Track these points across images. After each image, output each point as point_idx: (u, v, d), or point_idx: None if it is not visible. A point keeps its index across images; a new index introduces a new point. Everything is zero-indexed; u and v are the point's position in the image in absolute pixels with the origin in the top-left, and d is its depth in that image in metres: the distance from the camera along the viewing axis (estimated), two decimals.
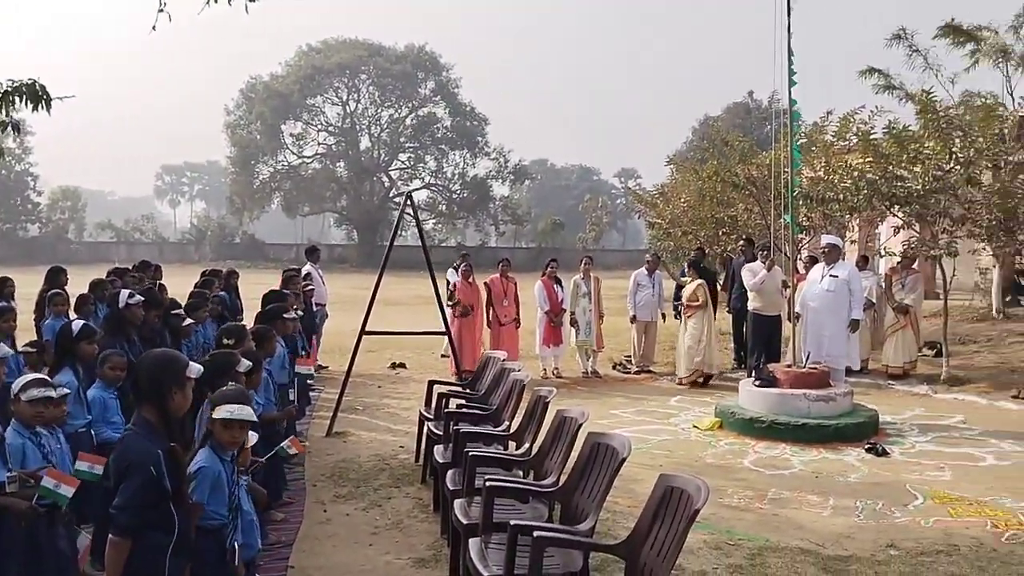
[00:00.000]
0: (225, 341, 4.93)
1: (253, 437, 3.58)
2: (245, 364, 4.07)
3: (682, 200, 17.12)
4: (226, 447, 3.37)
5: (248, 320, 7.92)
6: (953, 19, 14.66)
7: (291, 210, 57.36)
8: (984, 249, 11.58)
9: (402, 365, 12.26)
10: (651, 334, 12.12)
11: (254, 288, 10.27)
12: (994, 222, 10.47)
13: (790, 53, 8.07)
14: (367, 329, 8.38)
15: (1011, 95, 13.78)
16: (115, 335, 5.86)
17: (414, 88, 55.58)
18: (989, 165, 10.64)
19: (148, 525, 2.94)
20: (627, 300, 12.24)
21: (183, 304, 7.58)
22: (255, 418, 3.50)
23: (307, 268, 11.84)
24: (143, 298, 6.36)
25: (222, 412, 3.30)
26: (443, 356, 12.29)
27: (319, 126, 56.39)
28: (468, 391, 7.22)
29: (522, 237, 65.21)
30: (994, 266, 14.05)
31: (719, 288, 13.48)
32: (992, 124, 10.35)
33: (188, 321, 7.10)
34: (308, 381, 7.44)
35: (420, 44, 56.27)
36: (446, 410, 6.27)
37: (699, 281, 11.02)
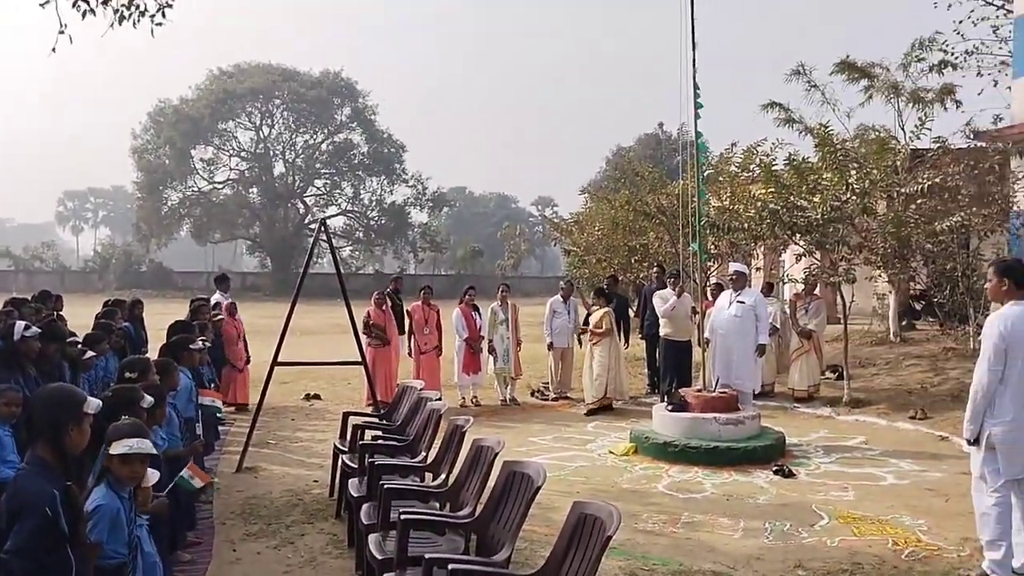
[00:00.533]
0: (127, 375, 4.74)
1: (154, 475, 3.45)
2: (148, 400, 3.92)
3: (596, 228, 17.45)
4: (125, 483, 3.22)
5: (154, 352, 7.65)
6: (848, 56, 15.54)
7: (201, 237, 55.89)
8: (880, 275, 12.15)
9: (316, 396, 12.02)
10: (567, 361, 12.24)
11: (161, 318, 9.94)
12: (889, 250, 11.01)
13: (695, 87, 8.39)
14: (279, 360, 8.19)
15: (903, 129, 14.60)
16: (10, 369, 5.57)
17: (330, 114, 55.14)
18: (884, 195, 11.21)
19: (43, 569, 2.80)
20: (543, 327, 12.36)
21: (84, 335, 7.27)
22: (156, 451, 3.38)
23: (216, 297, 11.54)
24: (40, 330, 6.07)
25: (120, 447, 3.16)
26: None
27: (231, 151, 55.34)
28: (384, 422, 7.13)
29: (441, 264, 65.10)
30: (890, 292, 14.76)
31: (632, 314, 13.75)
32: (885, 156, 10.94)
33: (89, 354, 6.80)
34: (217, 415, 7.21)
35: (336, 70, 56.01)
36: (361, 442, 6.17)
37: (605, 309, 11.15)
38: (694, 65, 8.36)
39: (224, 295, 11.79)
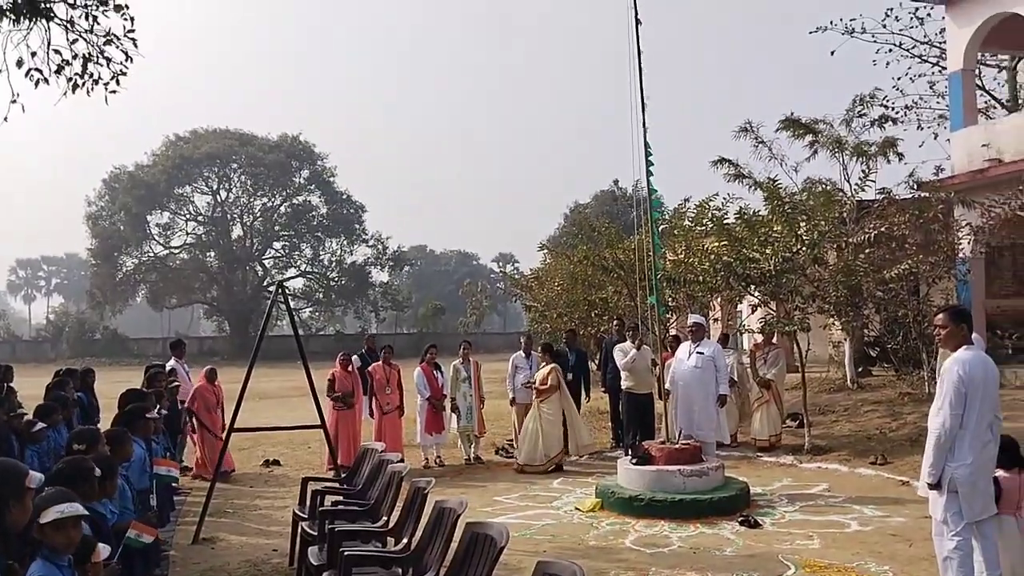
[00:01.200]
0: (75, 446, 4.60)
1: (105, 550, 3.33)
2: (95, 473, 3.80)
3: (556, 284, 17.58)
4: (61, 552, 3.09)
5: (107, 422, 7.46)
6: (792, 113, 16.09)
7: (157, 303, 55.12)
8: (835, 323, 12.39)
9: (276, 462, 11.76)
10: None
11: (116, 387, 9.71)
12: (841, 298, 11.26)
13: (647, 146, 8.61)
14: (236, 425, 8.03)
15: (848, 181, 15.05)
16: None
17: (288, 177, 55.23)
18: (833, 246, 11.51)
19: None
20: (507, 383, 12.32)
21: (36, 407, 7.07)
22: (85, 511, 3.26)
23: (171, 363, 11.34)
24: None
25: (50, 515, 3.05)
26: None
27: (188, 216, 55.01)
28: (345, 486, 7.00)
29: (403, 323, 64.83)
30: (845, 339, 15.03)
31: (595, 368, 13.81)
32: (832, 208, 11.28)
33: (39, 425, 6.60)
34: (172, 484, 7.01)
35: (294, 134, 56.32)
36: (321, 508, 6.05)
37: (551, 365, 10.98)
38: (644, 125, 8.60)
39: (180, 361, 11.60)
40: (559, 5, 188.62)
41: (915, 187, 14.98)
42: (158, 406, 7.88)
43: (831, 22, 22.19)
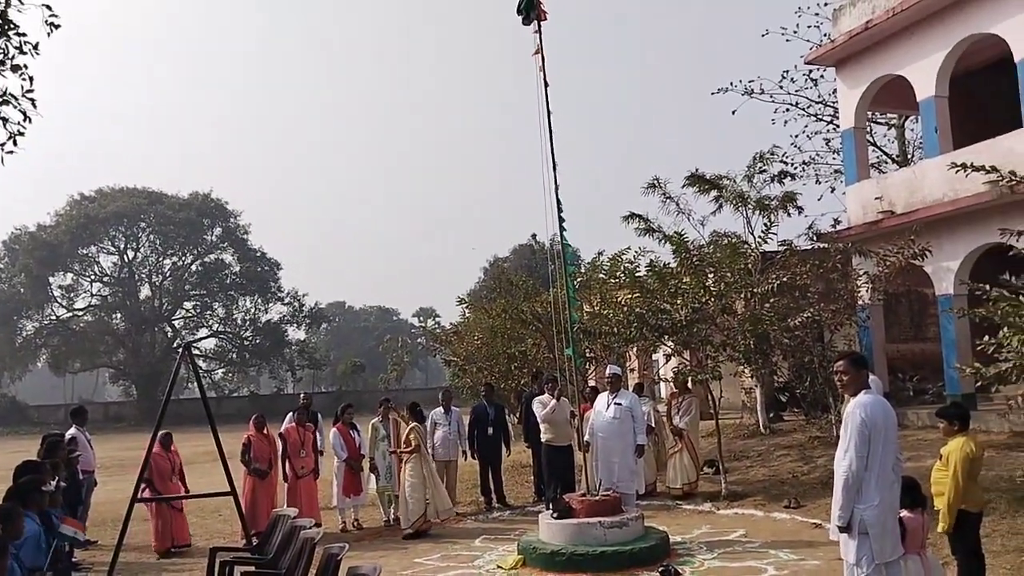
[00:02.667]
0: None
1: None
2: None
3: (475, 337, 17.57)
4: None
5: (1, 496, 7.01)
6: (697, 170, 16.70)
7: (59, 367, 52.60)
8: (745, 371, 12.75)
9: None
10: (452, 473, 12.03)
11: (13, 457, 9.19)
12: (749, 346, 11.61)
13: (558, 203, 8.80)
14: (140, 496, 7.66)
15: (752, 234, 15.68)
16: None
17: (199, 235, 54.02)
18: (740, 296, 11.90)
19: None
20: (425, 440, 12.15)
21: None
22: None
23: (72, 432, 10.80)
24: None
25: None
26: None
27: (93, 276, 53.11)
28: (256, 555, 6.75)
29: (321, 381, 63.51)
30: (756, 386, 15.46)
31: (516, 421, 13.80)
32: (738, 260, 11.69)
33: None
34: (77, 544, 6.51)
35: (205, 191, 55.28)
36: None
37: (412, 425, 10.70)
38: (556, 183, 8.79)
39: (80, 429, 11.06)
40: (479, 62, 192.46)
41: (815, 238, 15.68)
42: (56, 478, 7.47)
43: (731, 83, 23.33)
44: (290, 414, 11.61)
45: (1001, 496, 8.79)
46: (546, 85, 9.03)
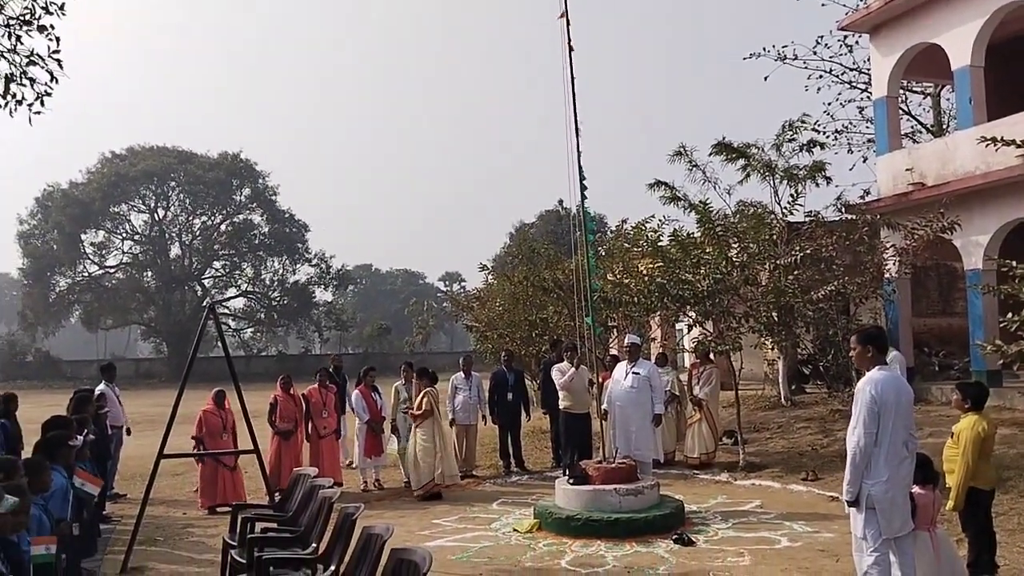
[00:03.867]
0: None
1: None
2: (8, 502, 3.70)
3: (497, 304, 17.63)
4: None
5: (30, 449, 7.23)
6: (724, 138, 16.49)
7: (92, 324, 53.58)
8: (767, 343, 12.70)
9: None
10: (471, 437, 12.19)
11: (46, 411, 9.44)
12: (772, 318, 11.55)
13: (580, 171, 8.75)
14: (167, 451, 7.86)
15: (779, 204, 15.49)
16: None
17: (228, 195, 54.43)
18: (763, 267, 11.81)
19: None
20: (446, 404, 12.32)
21: None
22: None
23: (101, 387, 11.07)
24: None
25: None
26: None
27: (124, 235, 53.85)
28: (277, 513, 6.92)
29: (348, 343, 64.11)
30: (779, 358, 15.40)
31: (536, 388, 13.91)
32: (763, 230, 11.59)
33: None
34: (87, 495, 6.64)
35: (235, 151, 55.54)
36: (251, 535, 5.97)
37: (427, 389, 10.63)
38: (579, 150, 8.74)
39: (110, 385, 11.33)
40: (505, 26, 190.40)
41: (842, 210, 15.46)
42: (86, 431, 7.69)
43: (764, 49, 22.92)
44: (318, 374, 11.82)
45: (1021, 474, 8.75)
46: (571, 50, 8.94)
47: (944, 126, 22.65)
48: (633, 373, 9.84)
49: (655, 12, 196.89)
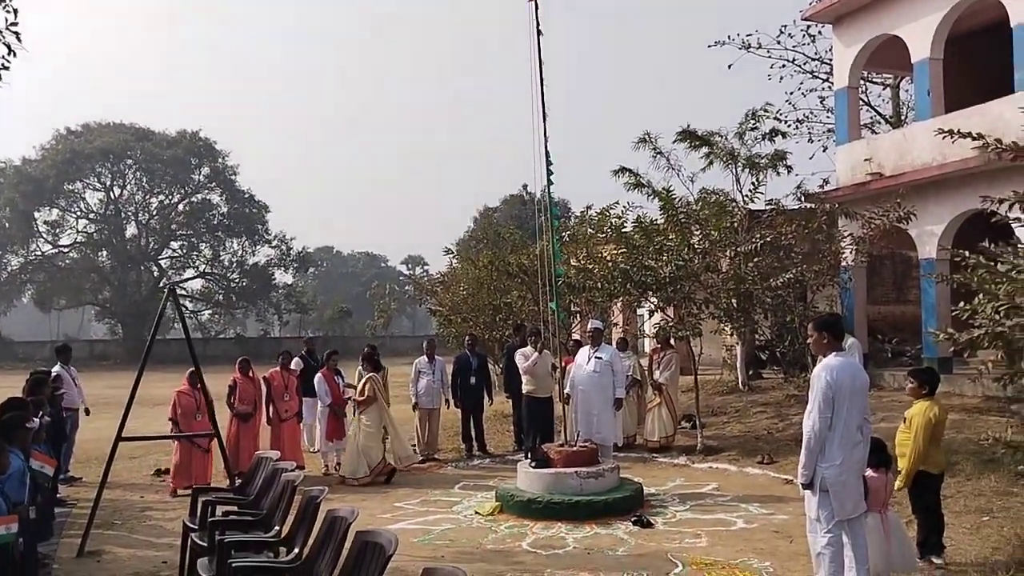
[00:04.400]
0: None
1: None
2: None
3: (461, 288, 17.64)
4: None
5: None
6: (689, 125, 16.63)
7: (45, 304, 52.48)
8: (726, 328, 12.89)
9: (167, 471, 11.38)
10: (434, 421, 12.22)
11: (0, 393, 9.27)
12: (732, 304, 11.73)
13: (547, 155, 8.77)
14: (125, 434, 7.76)
15: (740, 192, 15.69)
16: None
17: (187, 174, 53.45)
18: (724, 254, 11.97)
19: None
20: (410, 388, 12.32)
21: None
22: None
23: (57, 369, 10.87)
24: None
25: None
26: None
27: (78, 213, 52.55)
28: (238, 496, 6.88)
29: (308, 325, 63.50)
30: (737, 343, 15.64)
31: (498, 372, 13.96)
32: (724, 218, 11.74)
33: None
34: (43, 477, 6.53)
35: (193, 130, 54.51)
36: (212, 518, 5.93)
37: (369, 375, 10.68)
38: (545, 134, 8.75)
39: (65, 367, 11.13)
40: (471, 8, 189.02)
41: (802, 198, 15.71)
42: (41, 413, 7.56)
43: (729, 37, 23.08)
44: (296, 359, 11.76)
45: (968, 459, 9.03)
46: (539, 34, 8.93)
47: (903, 117, 23.08)
48: (596, 358, 9.93)
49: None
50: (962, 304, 6.12)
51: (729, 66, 24.27)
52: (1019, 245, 5.82)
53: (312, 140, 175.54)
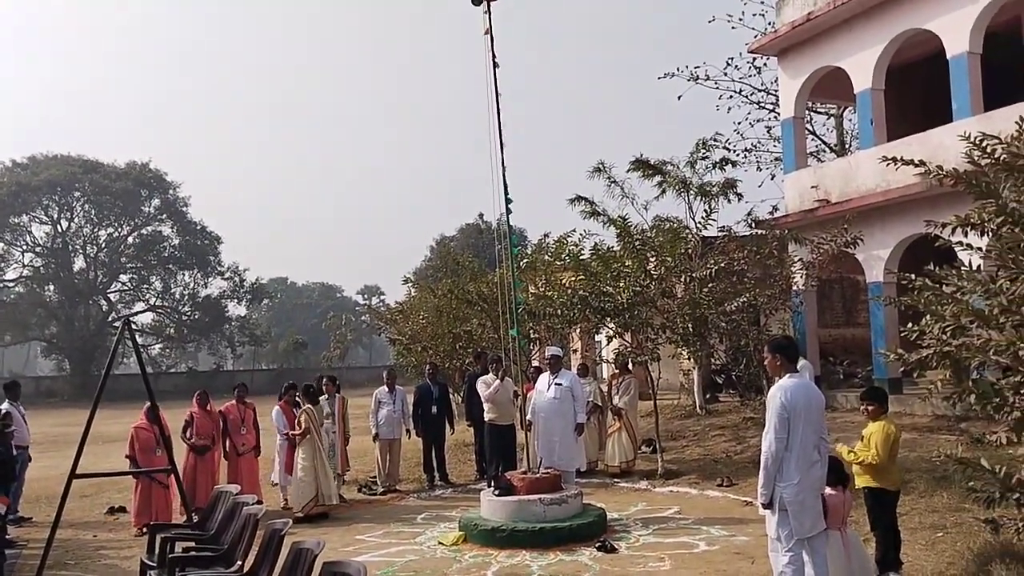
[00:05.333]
0: None
1: None
2: None
3: (421, 317, 17.61)
4: None
5: None
6: (642, 155, 16.94)
7: None
8: (683, 353, 13.07)
9: (122, 509, 11.11)
10: (395, 452, 12.13)
11: None
12: (688, 329, 11.91)
13: (505, 184, 8.88)
14: (78, 471, 7.57)
15: (693, 219, 15.97)
16: None
17: (137, 206, 52.60)
18: (680, 280, 12.18)
19: None
20: (369, 419, 12.23)
21: None
22: None
23: (5, 406, 10.57)
24: None
25: None
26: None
27: (24, 247, 51.26)
28: (197, 531, 6.75)
29: (262, 358, 62.64)
30: (694, 367, 15.85)
31: (460, 400, 13.93)
32: (679, 244, 11.97)
33: None
34: (5, 536, 6.44)
35: (143, 161, 53.78)
36: (171, 555, 5.82)
37: (305, 407, 10.47)
38: (503, 164, 8.86)
39: (14, 404, 10.82)
40: (426, 40, 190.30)
41: (753, 225, 16.07)
42: None
43: (678, 69, 23.65)
44: (236, 390, 11.52)
45: (921, 476, 9.24)
46: (495, 66, 9.06)
47: (847, 145, 23.81)
48: (555, 384, 10.00)
49: (575, 32, 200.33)
50: (910, 325, 6.31)
51: (679, 97, 25.11)
52: (962, 268, 6.03)
53: (265, 170, 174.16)
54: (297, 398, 10.98)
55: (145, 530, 9.11)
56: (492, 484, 9.62)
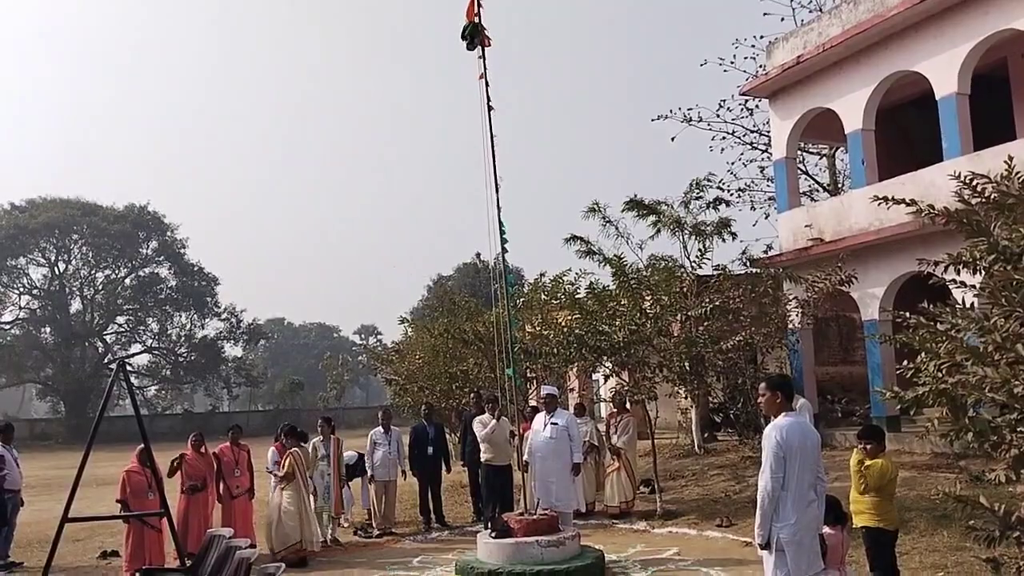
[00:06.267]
0: None
1: None
2: None
3: (417, 356, 17.59)
4: None
5: None
6: (636, 195, 17.09)
7: None
8: (680, 391, 13.05)
9: (115, 553, 10.94)
10: (391, 493, 12.01)
11: None
12: (684, 367, 11.91)
13: (501, 224, 8.94)
14: (71, 515, 7.49)
15: (688, 258, 16.08)
16: None
17: (134, 248, 52.85)
18: (675, 318, 12.21)
19: None
20: (365, 461, 12.13)
21: None
22: None
23: None
24: None
25: None
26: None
27: (21, 289, 51.38)
28: None
29: (258, 399, 62.41)
30: (692, 406, 15.81)
31: (456, 440, 13.85)
32: (674, 283, 12.02)
33: None
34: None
35: (142, 203, 54.15)
36: None
37: (291, 450, 10.38)
38: (498, 204, 8.95)
39: (7, 447, 10.73)
40: (422, 81, 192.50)
41: (748, 264, 16.16)
42: None
43: (671, 111, 23.94)
44: (230, 431, 11.42)
45: (921, 515, 9.18)
46: (490, 109, 9.19)
47: (840, 185, 24.02)
48: (551, 424, 9.96)
49: (568, 75, 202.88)
50: (906, 363, 6.31)
51: (672, 138, 25.17)
52: (956, 305, 6.06)
53: (263, 212, 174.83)
54: (283, 440, 10.85)
55: (138, 575, 9.04)
56: (489, 526, 9.51)
